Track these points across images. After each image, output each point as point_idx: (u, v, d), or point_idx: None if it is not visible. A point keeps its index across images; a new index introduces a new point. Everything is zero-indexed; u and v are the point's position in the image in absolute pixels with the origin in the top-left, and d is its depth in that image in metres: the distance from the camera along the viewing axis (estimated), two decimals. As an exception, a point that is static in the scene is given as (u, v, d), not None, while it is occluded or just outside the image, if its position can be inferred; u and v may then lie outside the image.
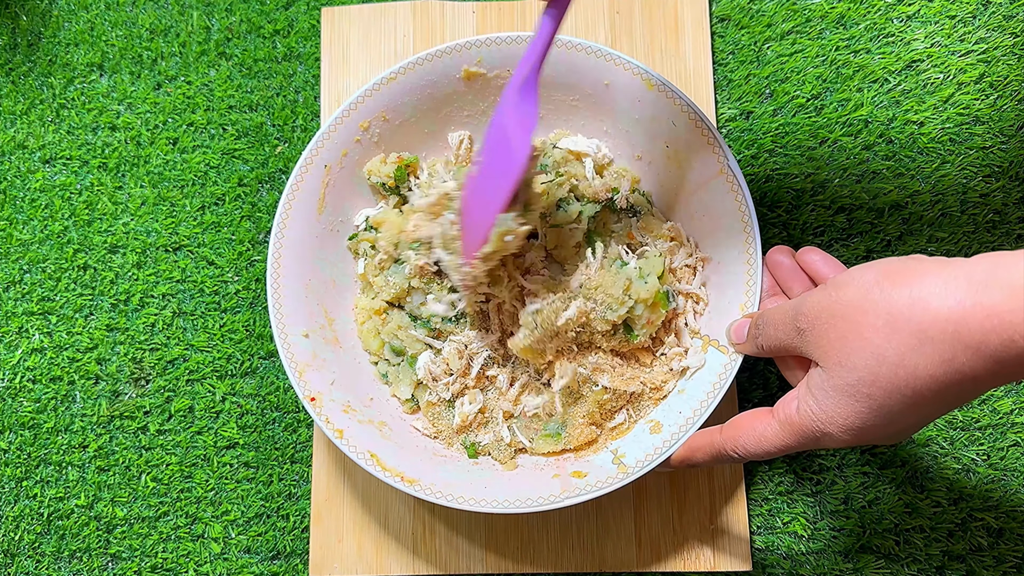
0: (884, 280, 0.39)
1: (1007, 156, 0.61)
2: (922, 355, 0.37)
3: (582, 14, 0.66)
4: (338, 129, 0.58)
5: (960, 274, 0.36)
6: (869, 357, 0.39)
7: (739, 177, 0.54)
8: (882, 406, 0.39)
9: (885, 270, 0.40)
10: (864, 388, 0.39)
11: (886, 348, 0.38)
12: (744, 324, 0.51)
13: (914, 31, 0.63)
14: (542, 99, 0.59)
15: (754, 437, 0.46)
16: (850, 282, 0.41)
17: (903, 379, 0.38)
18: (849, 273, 0.42)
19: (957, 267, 0.37)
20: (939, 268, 0.38)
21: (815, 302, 0.43)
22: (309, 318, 0.57)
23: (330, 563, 0.60)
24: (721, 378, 0.53)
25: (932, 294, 0.37)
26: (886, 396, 0.39)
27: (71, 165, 0.68)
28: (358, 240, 0.60)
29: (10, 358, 0.65)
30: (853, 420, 0.40)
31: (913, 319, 0.37)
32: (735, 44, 0.65)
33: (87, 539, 0.63)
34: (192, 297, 0.65)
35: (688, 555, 0.59)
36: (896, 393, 0.38)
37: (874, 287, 0.40)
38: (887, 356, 0.38)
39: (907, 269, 0.39)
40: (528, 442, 0.56)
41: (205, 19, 0.69)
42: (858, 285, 0.41)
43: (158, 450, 0.63)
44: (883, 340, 0.38)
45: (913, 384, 0.38)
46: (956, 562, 0.58)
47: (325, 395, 0.55)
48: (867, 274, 0.41)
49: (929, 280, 0.37)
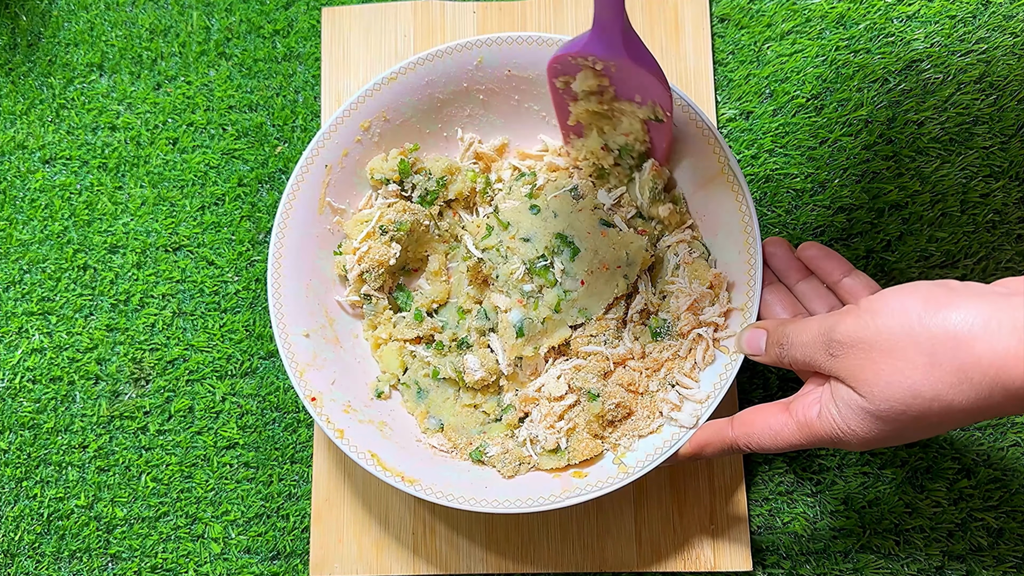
0: (925, 312, 0.39)
1: (1007, 156, 0.61)
2: (959, 393, 0.38)
3: (583, 14, 0.66)
4: (339, 129, 0.58)
5: (1006, 318, 0.37)
6: (906, 391, 0.39)
7: (739, 177, 0.54)
8: (906, 427, 0.40)
9: (926, 298, 0.40)
10: (894, 416, 0.40)
11: (923, 385, 0.39)
12: (757, 335, 0.50)
13: (914, 31, 0.63)
14: (541, 100, 0.60)
15: (770, 434, 0.46)
16: (886, 311, 0.41)
17: (935, 411, 0.39)
18: (885, 299, 0.41)
19: (1002, 307, 0.37)
20: (982, 302, 0.38)
21: (850, 330, 0.42)
22: (310, 318, 0.57)
23: (330, 563, 0.60)
24: (722, 378, 0.53)
25: (976, 336, 0.37)
26: (913, 422, 0.40)
27: (71, 165, 0.68)
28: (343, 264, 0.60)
29: (10, 358, 0.65)
30: (873, 435, 0.42)
31: (955, 359, 0.38)
32: (735, 44, 0.65)
33: (87, 539, 0.62)
34: (192, 297, 0.65)
35: (688, 555, 0.59)
36: (923, 421, 0.39)
37: (915, 321, 0.39)
38: (923, 392, 0.39)
39: (948, 299, 0.39)
40: (534, 455, 0.55)
41: (205, 19, 0.69)
42: (897, 315, 0.40)
43: (158, 450, 0.63)
44: (922, 376, 0.39)
45: (941, 416, 0.39)
46: (956, 562, 0.58)
47: (325, 395, 0.55)
48: (906, 302, 0.40)
49: (973, 316, 0.38)
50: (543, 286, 0.55)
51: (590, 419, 0.54)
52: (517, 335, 0.55)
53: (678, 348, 0.54)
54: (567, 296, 0.55)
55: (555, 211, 0.56)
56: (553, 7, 0.66)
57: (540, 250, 0.55)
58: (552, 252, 0.55)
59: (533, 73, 0.58)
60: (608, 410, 0.54)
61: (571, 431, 0.55)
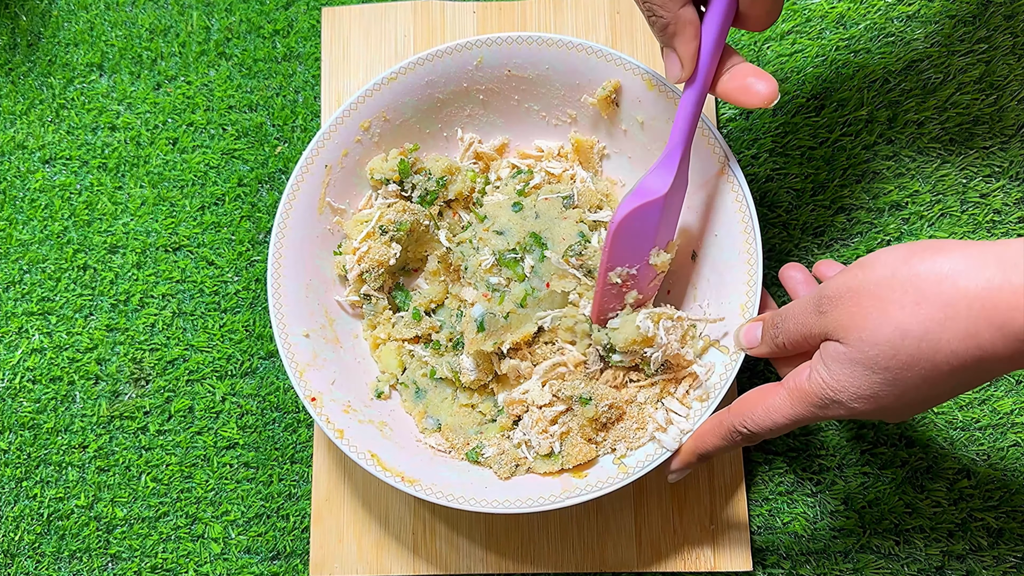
0: (912, 257, 0.39)
1: (1007, 156, 0.61)
2: (946, 329, 0.37)
3: (582, 14, 0.66)
4: (338, 129, 0.58)
5: (990, 253, 0.36)
6: (893, 331, 0.38)
7: (739, 176, 0.54)
8: (897, 378, 0.39)
9: (912, 248, 0.40)
10: (883, 361, 0.39)
11: (910, 322, 0.38)
12: (754, 327, 0.50)
13: (914, 31, 0.63)
14: (541, 100, 0.60)
15: (763, 409, 0.45)
16: (875, 262, 0.41)
17: (924, 352, 0.38)
18: (875, 254, 0.42)
19: (987, 247, 0.37)
20: (968, 247, 0.37)
21: (839, 282, 0.42)
22: (309, 318, 0.57)
23: (330, 563, 0.60)
24: (722, 378, 0.53)
25: (961, 271, 0.37)
26: (904, 369, 0.39)
27: (71, 165, 0.68)
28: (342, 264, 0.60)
29: (10, 358, 0.65)
30: (865, 389, 0.40)
31: (941, 294, 0.37)
32: (735, 44, 0.65)
33: (87, 539, 0.62)
34: (192, 297, 0.65)
35: (688, 555, 0.59)
36: (915, 366, 0.38)
37: (901, 264, 0.39)
38: (911, 330, 0.38)
39: (935, 247, 0.39)
40: (529, 457, 0.55)
41: (205, 19, 0.69)
42: (884, 263, 0.40)
43: (158, 450, 0.63)
44: (908, 315, 0.38)
45: (933, 358, 0.38)
46: (956, 562, 0.58)
47: (325, 395, 0.55)
48: (894, 253, 0.40)
49: (957, 257, 0.37)
50: (511, 279, 0.55)
51: (583, 423, 0.54)
52: (478, 329, 0.54)
53: (667, 380, 0.55)
54: (534, 293, 0.55)
55: (538, 212, 0.56)
56: (553, 7, 0.66)
57: (512, 244, 0.55)
58: (524, 248, 0.55)
59: (533, 73, 0.58)
60: (601, 412, 0.53)
61: (564, 435, 0.55)
